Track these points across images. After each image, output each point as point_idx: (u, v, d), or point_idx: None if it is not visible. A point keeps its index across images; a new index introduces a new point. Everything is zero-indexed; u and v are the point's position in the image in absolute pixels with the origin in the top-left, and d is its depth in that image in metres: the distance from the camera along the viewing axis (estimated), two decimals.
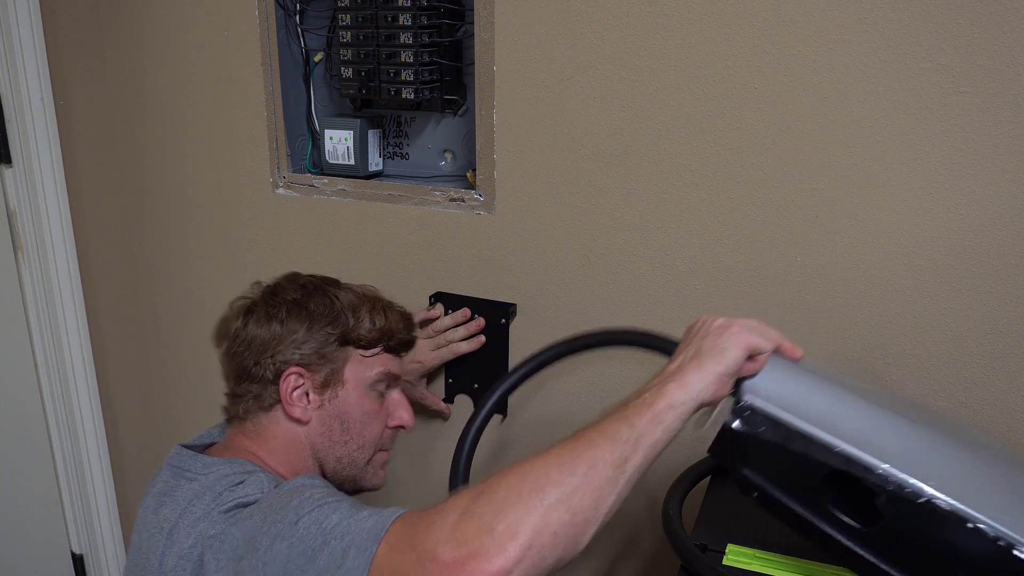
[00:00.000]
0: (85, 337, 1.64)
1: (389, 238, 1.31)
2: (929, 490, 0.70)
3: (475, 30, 1.14)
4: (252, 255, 1.47)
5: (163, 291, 1.61)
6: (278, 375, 0.94)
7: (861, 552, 0.74)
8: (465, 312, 1.25)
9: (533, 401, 1.27)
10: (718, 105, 1.02)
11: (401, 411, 1.03)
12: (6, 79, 1.44)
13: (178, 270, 1.57)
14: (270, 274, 1.44)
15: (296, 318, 0.95)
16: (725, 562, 0.84)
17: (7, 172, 1.50)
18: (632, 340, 0.95)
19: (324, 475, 0.98)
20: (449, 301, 1.27)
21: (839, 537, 0.75)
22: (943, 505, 0.70)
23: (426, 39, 1.18)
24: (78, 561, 1.77)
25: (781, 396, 0.78)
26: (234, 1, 1.32)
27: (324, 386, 0.96)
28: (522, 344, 1.25)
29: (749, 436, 0.78)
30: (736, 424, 0.78)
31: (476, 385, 1.30)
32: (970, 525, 0.69)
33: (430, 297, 1.29)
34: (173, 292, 1.60)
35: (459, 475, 0.94)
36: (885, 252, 0.98)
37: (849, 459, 0.73)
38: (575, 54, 1.08)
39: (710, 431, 0.82)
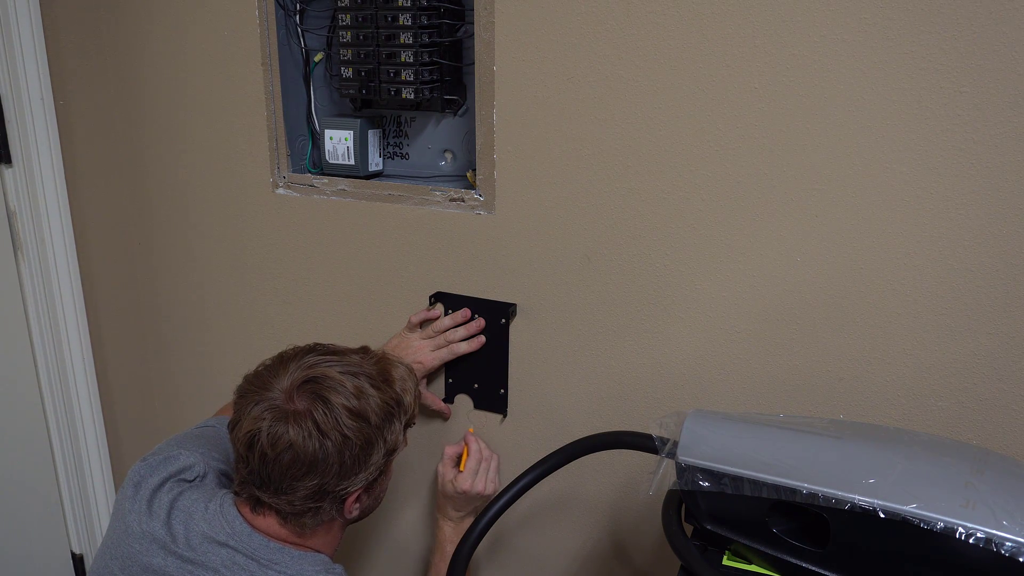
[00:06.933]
0: (85, 337, 1.64)
1: (389, 238, 1.31)
2: (851, 496, 0.74)
3: (475, 30, 1.14)
4: (252, 255, 1.47)
5: (163, 291, 1.61)
6: (348, 496, 0.97)
7: (828, 574, 0.78)
8: (465, 312, 1.25)
9: (533, 401, 1.27)
10: (718, 105, 1.02)
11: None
12: (6, 79, 1.44)
13: (178, 270, 1.57)
14: (270, 274, 1.45)
15: (375, 449, 0.97)
16: (725, 562, 0.85)
17: (7, 172, 1.50)
18: (611, 443, 1.04)
19: None
20: (449, 301, 1.27)
21: (806, 565, 0.79)
22: (867, 506, 0.73)
23: (426, 39, 1.18)
24: (78, 561, 1.77)
25: (707, 449, 0.85)
26: (234, 1, 1.32)
27: (375, 486, 1.02)
28: (522, 344, 1.25)
29: (693, 492, 0.85)
30: (679, 484, 0.86)
31: (476, 385, 1.30)
32: (907, 520, 0.72)
33: (430, 297, 1.29)
34: (173, 292, 1.60)
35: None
36: (885, 252, 0.98)
37: (777, 487, 0.78)
38: (575, 54, 1.08)
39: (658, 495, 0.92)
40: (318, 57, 1.34)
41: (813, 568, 0.79)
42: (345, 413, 0.93)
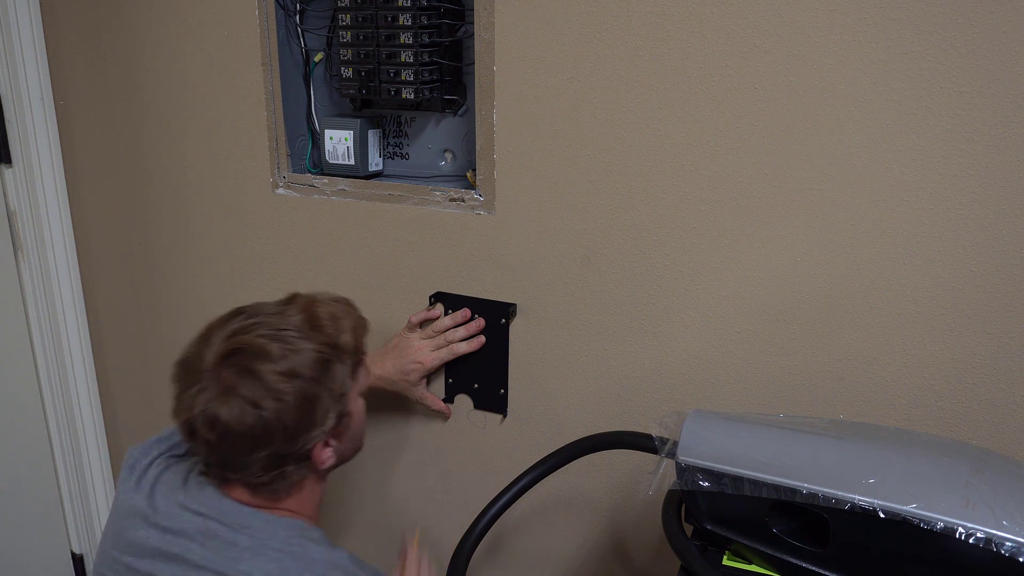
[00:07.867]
0: (85, 337, 1.64)
1: (389, 238, 1.31)
2: (851, 496, 0.75)
3: (475, 30, 1.14)
4: (252, 255, 1.47)
5: (163, 291, 1.61)
6: (309, 451, 0.95)
7: (828, 574, 0.78)
8: (465, 312, 1.25)
9: (533, 401, 1.27)
10: (718, 105, 1.02)
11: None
12: (6, 79, 1.44)
13: (178, 270, 1.57)
14: (270, 274, 1.45)
15: (320, 402, 0.93)
16: (725, 562, 0.85)
17: (7, 172, 1.50)
18: (611, 443, 1.03)
19: None
20: (449, 301, 1.27)
21: (806, 565, 0.79)
22: (867, 506, 0.73)
23: (426, 39, 1.18)
24: (78, 561, 1.77)
25: (707, 449, 0.85)
26: (234, 1, 1.32)
27: (341, 430, 0.98)
28: (522, 344, 1.25)
29: (693, 492, 0.84)
30: (679, 484, 0.85)
31: (476, 385, 1.30)
32: (907, 520, 0.72)
33: (430, 297, 1.29)
34: (173, 292, 1.60)
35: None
36: (885, 252, 0.98)
37: (777, 487, 0.78)
38: (575, 54, 1.08)
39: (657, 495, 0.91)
40: (318, 57, 1.34)
41: (813, 568, 0.79)
42: (275, 378, 0.90)
